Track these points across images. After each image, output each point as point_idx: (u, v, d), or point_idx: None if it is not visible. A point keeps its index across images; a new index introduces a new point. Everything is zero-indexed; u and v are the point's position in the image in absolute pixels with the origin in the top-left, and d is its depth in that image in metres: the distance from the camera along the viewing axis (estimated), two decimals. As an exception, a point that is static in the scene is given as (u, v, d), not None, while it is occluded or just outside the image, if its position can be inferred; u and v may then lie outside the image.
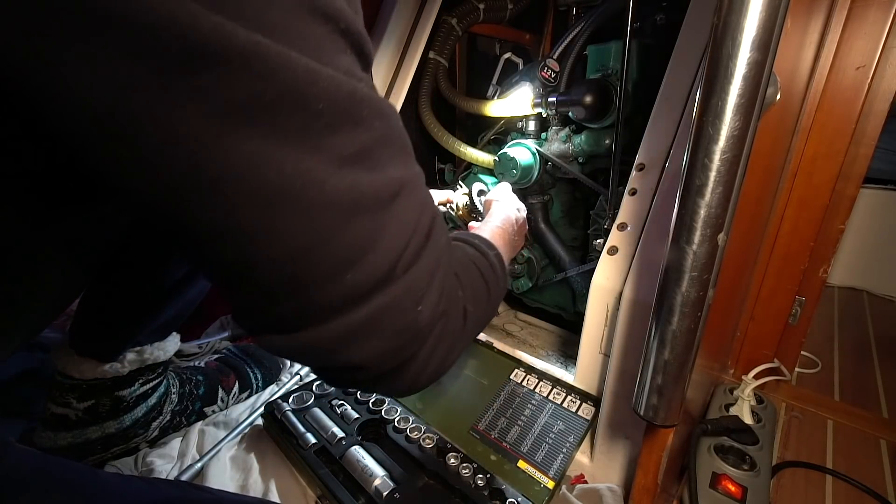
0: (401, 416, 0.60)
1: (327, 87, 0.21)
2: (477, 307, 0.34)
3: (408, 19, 0.79)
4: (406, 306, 0.26)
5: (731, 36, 0.26)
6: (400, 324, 0.26)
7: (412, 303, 0.26)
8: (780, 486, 0.60)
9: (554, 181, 0.79)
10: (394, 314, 0.26)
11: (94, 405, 0.54)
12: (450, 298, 0.30)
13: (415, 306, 0.27)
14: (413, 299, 0.26)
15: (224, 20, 0.18)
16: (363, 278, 0.24)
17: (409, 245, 0.26)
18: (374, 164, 0.24)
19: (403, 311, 0.26)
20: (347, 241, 0.24)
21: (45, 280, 0.41)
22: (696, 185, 0.30)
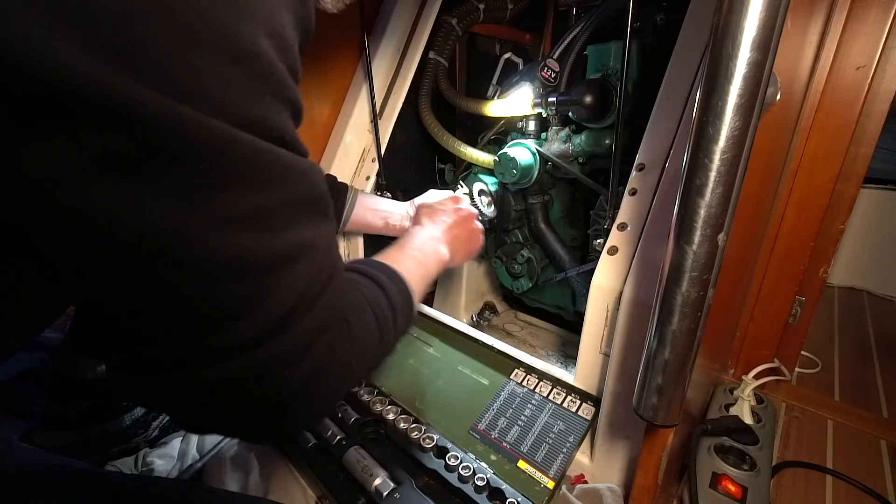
0: (401, 416, 0.60)
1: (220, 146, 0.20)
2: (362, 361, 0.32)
3: (408, 19, 0.79)
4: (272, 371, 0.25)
5: (731, 36, 0.26)
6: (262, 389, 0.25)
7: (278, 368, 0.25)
8: (780, 486, 0.60)
9: (554, 181, 0.79)
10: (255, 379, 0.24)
11: (94, 404, 0.54)
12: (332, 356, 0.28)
13: (281, 371, 0.25)
14: (282, 364, 0.25)
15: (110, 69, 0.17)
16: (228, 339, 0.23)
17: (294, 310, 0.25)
18: (273, 226, 0.23)
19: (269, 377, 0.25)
20: (219, 302, 0.22)
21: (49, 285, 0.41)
22: (696, 185, 0.30)
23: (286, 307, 0.24)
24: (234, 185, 0.21)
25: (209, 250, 0.21)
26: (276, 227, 0.23)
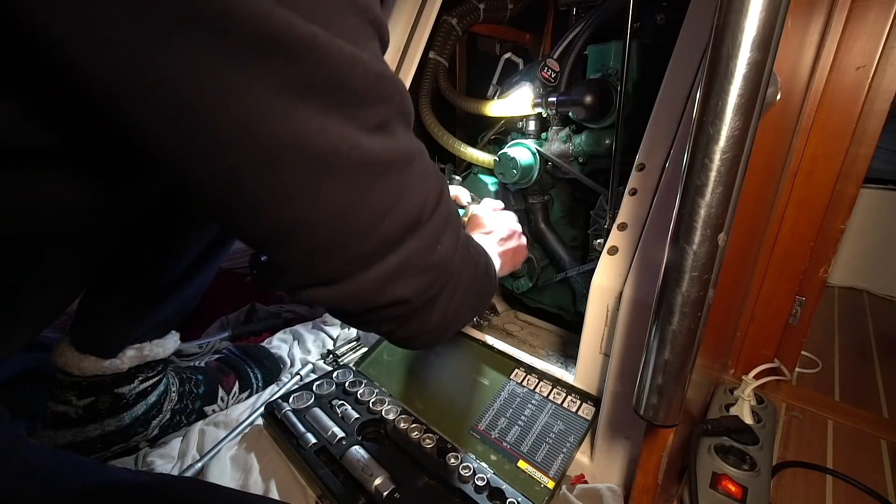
0: (401, 416, 0.60)
1: (363, 69, 0.25)
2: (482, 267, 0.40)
3: (408, 19, 0.79)
4: (430, 247, 0.31)
5: (731, 36, 0.26)
6: (429, 262, 0.31)
7: (434, 243, 0.31)
8: (780, 486, 0.60)
9: (554, 181, 0.79)
10: (421, 254, 0.31)
11: (94, 402, 0.54)
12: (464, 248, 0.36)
13: (436, 246, 0.32)
14: (436, 242, 0.32)
15: (291, 13, 0.21)
16: (397, 224, 0.29)
17: (427, 199, 0.30)
18: (392, 132, 0.28)
19: (428, 251, 0.31)
20: (383, 194, 0.27)
21: (50, 279, 0.41)
22: (696, 185, 0.30)
23: (423, 196, 0.30)
24: (373, 100, 0.26)
25: (368, 152, 0.26)
26: (394, 131, 0.28)
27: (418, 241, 0.30)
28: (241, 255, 1.28)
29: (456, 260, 0.34)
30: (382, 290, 0.30)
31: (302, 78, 0.22)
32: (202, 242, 0.57)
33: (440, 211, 0.32)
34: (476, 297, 0.39)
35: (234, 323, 0.95)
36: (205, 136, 0.22)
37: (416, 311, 0.33)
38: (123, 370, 0.55)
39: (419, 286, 0.31)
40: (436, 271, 0.32)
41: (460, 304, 0.36)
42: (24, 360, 0.66)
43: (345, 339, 0.86)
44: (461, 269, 0.36)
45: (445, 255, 0.32)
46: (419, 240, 0.30)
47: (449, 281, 0.34)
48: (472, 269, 0.38)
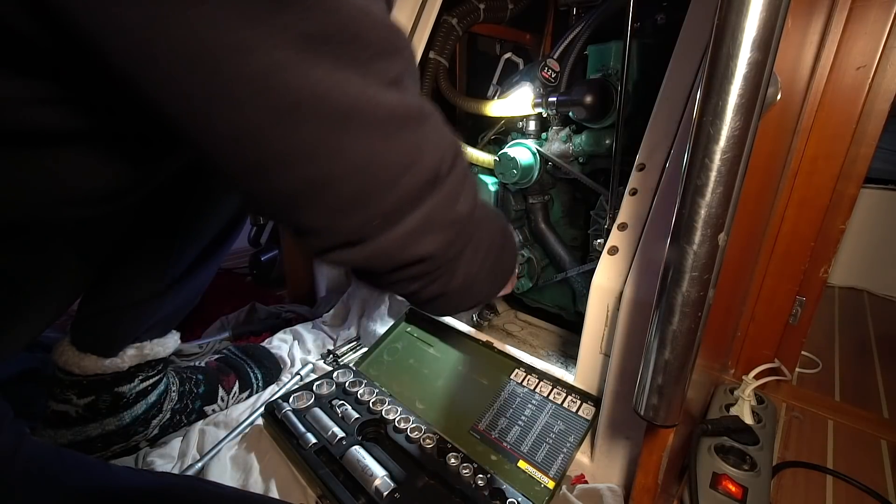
0: (401, 416, 0.60)
1: (375, 21, 0.25)
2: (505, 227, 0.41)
3: (408, 19, 0.79)
4: (450, 203, 0.31)
5: (731, 36, 0.26)
6: (451, 217, 0.31)
7: (454, 199, 0.31)
8: (780, 486, 0.60)
9: (554, 181, 0.79)
10: (443, 210, 0.31)
11: (94, 401, 0.54)
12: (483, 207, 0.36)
13: (456, 201, 0.32)
14: (454, 196, 0.31)
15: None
16: (416, 182, 0.28)
17: (444, 155, 0.30)
18: (406, 88, 0.28)
19: (449, 207, 0.31)
20: (402, 148, 0.27)
21: (53, 277, 0.41)
22: (696, 184, 0.30)
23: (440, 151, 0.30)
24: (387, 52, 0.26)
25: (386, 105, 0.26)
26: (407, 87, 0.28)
27: (439, 197, 0.30)
28: (241, 255, 1.29)
29: (476, 217, 0.34)
30: (408, 247, 0.30)
31: (316, 30, 0.22)
32: (203, 242, 0.57)
33: (457, 168, 0.32)
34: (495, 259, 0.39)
35: (234, 323, 0.95)
36: (224, 92, 0.22)
37: (441, 269, 0.33)
38: (124, 369, 0.55)
39: (443, 241, 0.31)
40: (458, 226, 0.32)
41: (481, 266, 0.37)
42: (25, 360, 0.66)
43: (345, 339, 0.86)
44: (481, 228, 0.36)
45: (465, 211, 0.32)
46: (439, 195, 0.30)
47: (471, 238, 0.34)
48: (493, 227, 0.38)
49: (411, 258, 0.31)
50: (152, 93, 0.21)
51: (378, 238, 0.29)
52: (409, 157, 0.28)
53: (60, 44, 0.21)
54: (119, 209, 0.39)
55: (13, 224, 0.33)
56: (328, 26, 0.23)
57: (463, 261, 0.35)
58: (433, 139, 0.29)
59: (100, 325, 0.54)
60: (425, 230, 0.30)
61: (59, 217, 0.36)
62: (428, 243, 0.31)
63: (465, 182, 0.33)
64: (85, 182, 0.30)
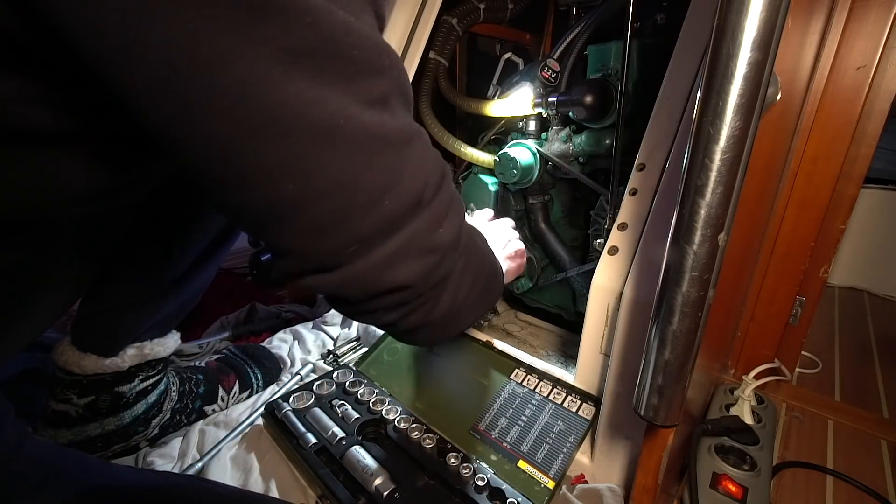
0: (401, 416, 0.60)
1: (360, 37, 0.24)
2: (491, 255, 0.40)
3: (408, 19, 0.79)
4: (433, 228, 0.30)
5: (731, 36, 0.26)
6: (431, 244, 0.30)
7: (436, 225, 0.31)
8: (780, 486, 0.60)
9: (554, 181, 0.79)
10: (424, 236, 0.30)
11: (95, 401, 0.54)
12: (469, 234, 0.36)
13: (438, 228, 0.31)
14: (437, 222, 0.31)
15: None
16: (397, 205, 0.28)
17: (428, 180, 0.29)
18: (392, 109, 0.27)
19: (431, 233, 0.30)
20: (381, 171, 0.27)
21: (55, 276, 0.41)
22: (696, 185, 0.30)
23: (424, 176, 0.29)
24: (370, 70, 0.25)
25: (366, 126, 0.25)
26: (393, 108, 0.27)
27: (420, 223, 0.29)
28: (241, 255, 1.29)
29: (461, 245, 0.33)
30: (384, 274, 0.29)
31: (297, 44, 0.22)
32: (203, 242, 0.57)
33: (442, 194, 0.31)
34: (482, 289, 0.38)
35: (234, 323, 0.95)
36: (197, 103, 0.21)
37: (422, 297, 0.32)
38: (124, 369, 0.56)
39: (422, 270, 0.30)
40: (438, 254, 0.31)
41: (467, 295, 0.35)
42: (25, 360, 0.66)
43: (345, 339, 0.86)
44: (466, 257, 0.35)
45: (448, 238, 0.31)
46: (421, 221, 0.29)
47: (454, 268, 0.33)
48: (479, 258, 0.37)
49: (388, 286, 0.30)
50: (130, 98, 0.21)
51: (353, 264, 0.28)
52: (389, 179, 0.27)
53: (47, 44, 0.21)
54: (119, 207, 0.39)
55: (13, 223, 0.33)
56: (310, 41, 0.22)
57: (448, 289, 0.33)
58: (417, 163, 0.29)
59: (100, 324, 0.54)
60: (405, 256, 0.29)
61: (57, 215, 0.36)
62: (407, 270, 0.29)
63: (449, 208, 0.32)
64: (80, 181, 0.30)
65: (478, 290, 0.37)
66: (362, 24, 0.25)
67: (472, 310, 0.37)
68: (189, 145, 0.23)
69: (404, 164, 0.28)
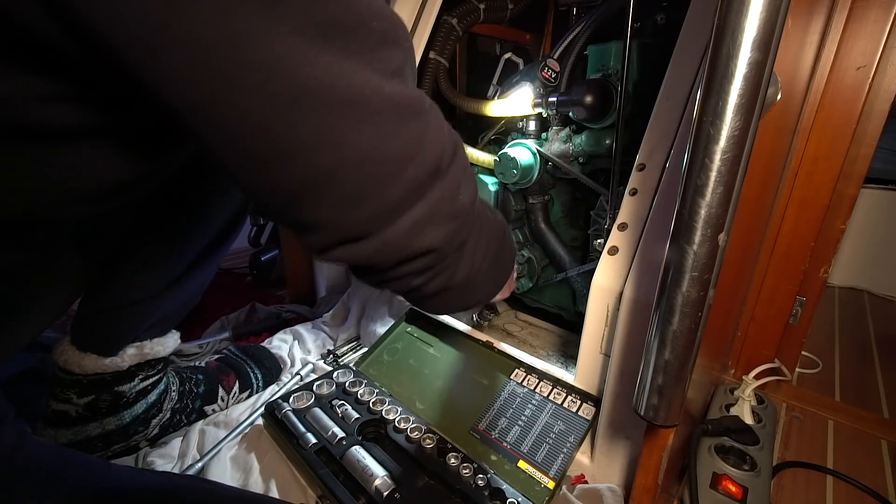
0: (401, 416, 0.60)
1: (378, 9, 0.25)
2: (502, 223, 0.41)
3: (408, 19, 0.79)
4: (453, 194, 0.31)
5: (731, 36, 0.26)
6: (453, 209, 0.31)
7: (455, 191, 0.31)
8: (780, 486, 0.60)
9: (554, 181, 0.79)
10: (446, 201, 0.31)
11: (95, 401, 0.54)
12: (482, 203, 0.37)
13: (457, 193, 0.32)
14: (455, 188, 0.31)
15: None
16: (420, 172, 0.28)
17: (445, 147, 0.30)
18: (406, 79, 0.28)
19: (452, 199, 0.31)
20: (405, 139, 0.27)
21: (55, 275, 0.41)
22: (696, 185, 0.30)
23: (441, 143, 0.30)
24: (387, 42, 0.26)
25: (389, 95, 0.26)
26: (407, 79, 0.28)
27: (442, 188, 0.30)
28: (241, 255, 1.29)
29: (476, 210, 0.34)
30: (413, 240, 0.30)
31: (323, 17, 0.22)
32: (203, 241, 0.57)
33: (458, 160, 0.32)
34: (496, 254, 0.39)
35: (234, 323, 0.95)
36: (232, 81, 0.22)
37: (446, 261, 0.33)
38: (124, 368, 0.56)
39: (447, 233, 0.31)
40: (461, 218, 0.32)
41: (484, 259, 0.37)
42: (25, 360, 0.66)
43: (345, 339, 0.86)
44: (482, 221, 0.36)
45: (466, 202, 0.33)
46: (442, 186, 0.30)
47: (472, 230, 0.34)
48: (492, 223, 0.38)
49: (417, 250, 0.31)
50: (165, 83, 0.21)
51: (383, 232, 0.29)
52: (412, 148, 0.28)
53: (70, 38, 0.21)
54: (119, 207, 0.39)
55: (14, 223, 0.33)
56: (334, 13, 0.23)
57: (466, 253, 0.35)
58: (434, 130, 0.29)
59: (100, 324, 0.54)
60: (430, 221, 0.30)
61: (61, 215, 0.36)
62: (433, 235, 0.30)
63: (465, 174, 0.33)
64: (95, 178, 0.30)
65: (492, 254, 0.38)
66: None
67: (487, 276, 0.39)
68: (227, 124, 0.23)
69: (424, 131, 0.28)
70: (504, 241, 0.42)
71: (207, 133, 0.24)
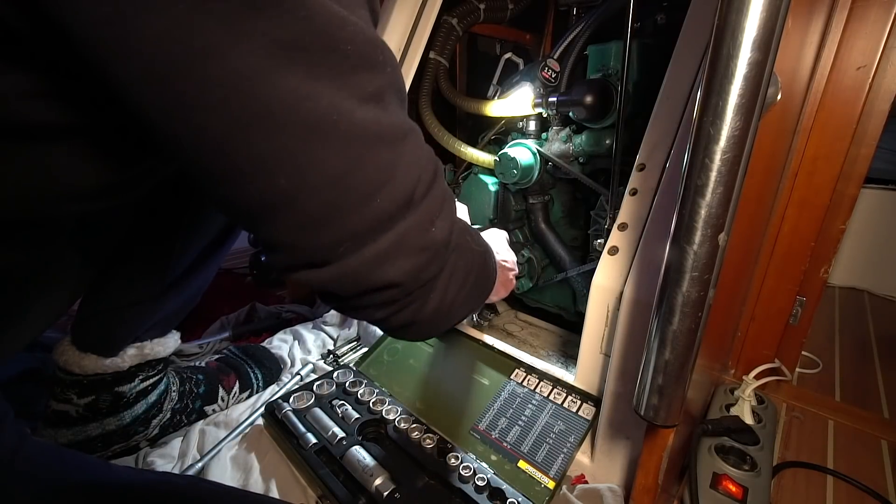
0: (401, 416, 0.60)
1: (354, 32, 0.24)
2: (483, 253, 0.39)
3: (408, 19, 0.79)
4: (427, 228, 0.30)
5: (731, 36, 0.26)
6: (423, 242, 0.30)
7: (429, 224, 0.30)
8: (780, 486, 0.60)
9: (554, 181, 0.79)
10: (417, 234, 0.30)
11: (95, 401, 0.54)
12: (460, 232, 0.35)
13: (430, 226, 0.30)
14: (431, 222, 0.30)
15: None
16: (389, 203, 0.27)
17: (421, 177, 0.29)
18: (386, 105, 0.27)
19: (423, 231, 0.30)
20: (374, 168, 0.26)
21: (55, 275, 0.41)
22: (696, 185, 0.30)
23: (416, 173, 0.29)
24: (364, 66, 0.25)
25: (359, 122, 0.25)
26: (387, 105, 0.27)
27: (412, 220, 0.29)
28: (242, 255, 1.29)
29: (452, 243, 0.33)
30: (376, 272, 0.29)
31: (291, 38, 0.22)
32: (203, 241, 0.57)
33: (434, 191, 0.31)
34: (474, 286, 0.37)
35: (235, 323, 0.95)
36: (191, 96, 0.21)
37: (412, 296, 0.32)
38: (124, 369, 0.56)
39: (413, 268, 0.30)
40: (430, 252, 0.31)
41: (458, 293, 0.35)
42: (25, 360, 0.66)
43: (345, 339, 0.86)
44: (458, 255, 0.34)
45: (440, 236, 0.31)
46: (413, 218, 0.29)
47: (445, 265, 0.33)
48: (469, 255, 0.37)
49: (379, 283, 0.29)
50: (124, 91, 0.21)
51: (344, 260, 0.28)
52: (382, 177, 0.27)
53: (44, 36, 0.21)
54: (119, 206, 0.39)
55: (13, 222, 0.33)
56: (304, 35, 0.22)
57: (437, 288, 0.33)
58: (410, 160, 0.28)
59: (100, 324, 0.54)
60: (396, 254, 0.29)
61: (57, 214, 0.36)
62: (398, 268, 0.29)
63: (442, 206, 0.31)
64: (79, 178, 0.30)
65: (468, 287, 0.36)
66: (357, 18, 0.24)
67: (462, 307, 0.37)
68: (184, 138, 0.23)
69: (398, 161, 0.28)
70: (485, 271, 0.40)
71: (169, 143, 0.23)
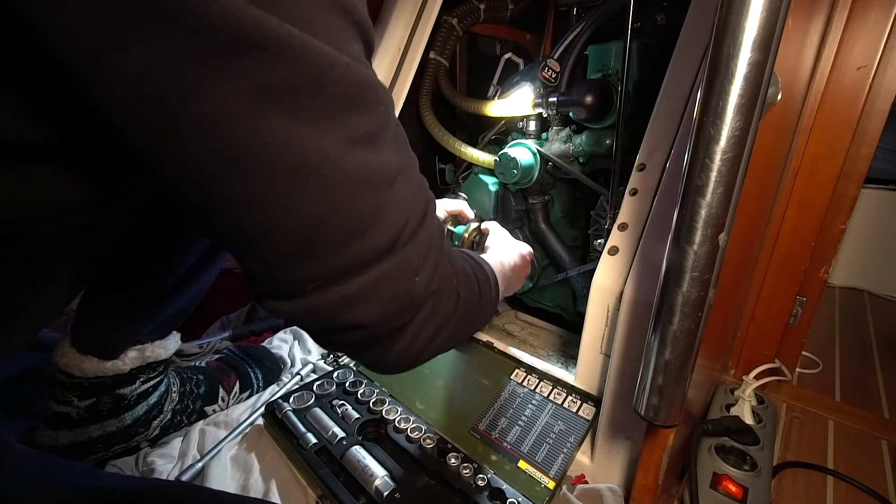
0: (401, 416, 0.60)
1: (343, 73, 0.24)
2: (469, 296, 0.37)
3: (408, 19, 0.79)
4: (404, 276, 0.29)
5: (731, 36, 0.26)
6: (397, 291, 0.29)
7: (410, 273, 0.29)
8: (780, 486, 0.60)
9: (554, 181, 0.79)
10: (392, 282, 0.29)
11: (96, 403, 0.54)
12: (444, 278, 0.33)
13: (412, 277, 0.30)
14: (410, 270, 0.29)
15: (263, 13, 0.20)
16: (368, 248, 0.27)
17: (408, 222, 0.29)
18: (378, 146, 0.27)
19: (401, 280, 0.29)
20: (357, 213, 0.26)
21: (49, 278, 0.41)
22: (696, 185, 0.30)
23: (403, 218, 0.28)
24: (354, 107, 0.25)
25: (345, 166, 0.25)
26: (379, 145, 0.27)
27: (389, 266, 0.28)
28: (242, 256, 1.28)
29: (431, 289, 0.32)
30: (341, 313, 0.28)
31: (274, 81, 0.22)
32: (205, 244, 0.57)
33: (420, 235, 0.30)
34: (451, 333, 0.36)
35: (235, 323, 0.95)
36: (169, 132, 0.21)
37: (376, 340, 0.31)
38: (125, 371, 0.55)
39: (381, 315, 0.29)
40: (403, 302, 0.30)
41: (430, 340, 0.33)
42: (25, 361, 0.66)
43: (345, 339, 0.86)
44: (437, 300, 0.33)
45: (419, 288, 0.30)
46: (391, 265, 0.28)
47: (418, 313, 0.31)
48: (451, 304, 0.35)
49: (342, 324, 0.29)
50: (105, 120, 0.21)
51: (310, 297, 0.27)
52: (366, 220, 0.26)
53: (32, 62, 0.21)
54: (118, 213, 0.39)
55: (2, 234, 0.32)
56: (289, 78, 0.22)
57: (406, 335, 0.32)
58: (398, 203, 0.28)
59: (101, 327, 0.54)
60: (364, 299, 0.28)
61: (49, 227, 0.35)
62: (365, 312, 0.28)
63: (426, 253, 0.30)
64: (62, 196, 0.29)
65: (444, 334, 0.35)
66: (351, 58, 0.24)
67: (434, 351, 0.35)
68: (161, 169, 0.23)
69: (385, 205, 0.27)
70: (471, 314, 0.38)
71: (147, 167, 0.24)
